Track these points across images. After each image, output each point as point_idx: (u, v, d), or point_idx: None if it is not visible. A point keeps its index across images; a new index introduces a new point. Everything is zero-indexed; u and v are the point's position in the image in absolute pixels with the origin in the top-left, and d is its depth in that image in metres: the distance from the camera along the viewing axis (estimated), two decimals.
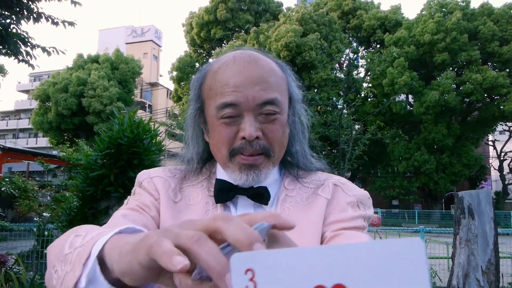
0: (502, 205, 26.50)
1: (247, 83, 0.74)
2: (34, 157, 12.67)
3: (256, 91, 0.74)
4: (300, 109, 0.86)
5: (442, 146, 23.62)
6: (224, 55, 0.81)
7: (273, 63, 0.80)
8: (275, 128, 0.76)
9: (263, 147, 0.76)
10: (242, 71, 0.75)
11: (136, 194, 0.86)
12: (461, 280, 3.08)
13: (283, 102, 0.78)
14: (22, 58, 5.80)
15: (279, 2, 31.57)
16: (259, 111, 0.75)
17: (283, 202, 0.81)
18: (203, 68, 0.85)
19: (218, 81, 0.76)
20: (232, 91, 0.74)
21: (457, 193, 3.34)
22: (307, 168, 0.86)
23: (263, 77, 0.75)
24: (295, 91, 0.85)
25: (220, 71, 0.77)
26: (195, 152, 0.86)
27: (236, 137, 0.75)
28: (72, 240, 0.55)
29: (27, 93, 48.01)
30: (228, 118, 0.75)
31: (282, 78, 0.81)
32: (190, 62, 30.35)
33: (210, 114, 0.78)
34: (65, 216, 2.82)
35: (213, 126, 0.78)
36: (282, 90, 0.79)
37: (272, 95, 0.75)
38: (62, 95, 27.29)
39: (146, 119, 2.97)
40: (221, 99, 0.74)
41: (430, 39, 22.53)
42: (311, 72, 23.46)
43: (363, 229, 0.78)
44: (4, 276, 3.47)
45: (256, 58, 0.77)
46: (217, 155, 0.80)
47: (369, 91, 24.64)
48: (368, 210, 0.82)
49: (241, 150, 0.75)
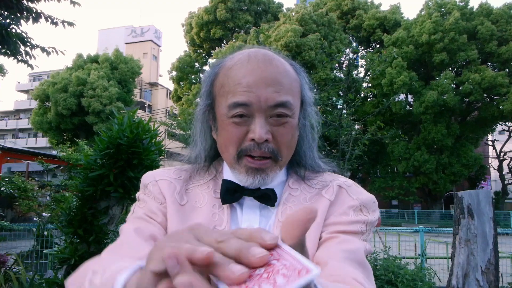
0: (502, 205, 26.54)
1: (260, 83, 0.73)
2: (33, 157, 12.66)
3: (269, 92, 0.73)
4: (311, 112, 0.85)
5: (441, 146, 23.64)
6: (238, 52, 0.80)
7: (287, 64, 0.79)
8: (285, 132, 0.75)
9: (271, 150, 0.74)
10: (255, 70, 0.73)
11: (141, 200, 0.85)
12: (461, 280, 3.08)
13: (295, 105, 0.77)
14: (21, 58, 5.80)
15: (280, 3, 31.59)
16: (270, 113, 0.73)
17: (286, 201, 0.80)
18: (216, 63, 0.83)
19: (231, 79, 0.75)
20: (245, 91, 0.73)
21: (457, 193, 3.35)
22: (314, 170, 0.85)
23: (277, 78, 0.74)
24: (308, 94, 0.83)
25: (233, 69, 0.76)
26: (202, 148, 0.85)
27: (245, 138, 0.74)
28: (91, 278, 0.55)
29: (26, 93, 47.99)
30: (239, 117, 0.74)
31: (296, 80, 0.79)
32: (189, 62, 30.37)
33: (221, 112, 0.77)
34: (64, 216, 2.82)
35: (222, 124, 0.77)
36: (295, 93, 0.78)
37: (285, 98, 0.74)
38: (61, 95, 27.28)
39: (146, 119, 2.97)
40: (232, 98, 0.73)
41: (428, 39, 22.55)
42: (311, 72, 23.46)
43: (361, 234, 0.77)
44: (4, 276, 3.47)
45: (270, 58, 0.76)
46: (224, 154, 0.79)
47: (369, 91, 24.67)
48: (372, 214, 0.80)
49: (249, 152, 0.74)
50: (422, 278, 4.40)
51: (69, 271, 2.72)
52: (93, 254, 2.61)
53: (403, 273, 4.28)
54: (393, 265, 4.42)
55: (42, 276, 3.14)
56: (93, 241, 2.72)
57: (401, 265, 4.51)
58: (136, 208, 0.84)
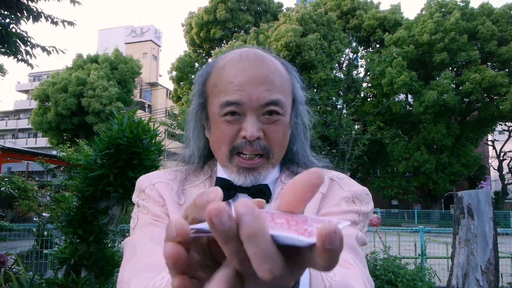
0: (502, 205, 26.54)
1: (252, 82, 0.74)
2: (33, 157, 12.67)
3: (261, 91, 0.74)
4: (303, 111, 0.86)
5: (441, 146, 23.64)
6: (230, 52, 0.81)
7: (278, 63, 0.80)
8: (276, 130, 0.76)
9: (263, 147, 0.76)
10: (247, 70, 0.74)
11: (142, 207, 0.83)
12: (461, 280, 3.08)
13: (287, 103, 0.78)
14: (22, 58, 5.79)
15: (279, 3, 31.58)
16: (261, 111, 0.75)
17: (278, 196, 0.80)
18: (208, 63, 0.85)
19: (223, 79, 0.76)
20: (236, 90, 0.74)
21: (457, 193, 3.35)
22: (307, 167, 0.86)
23: (268, 77, 0.75)
24: (299, 92, 0.84)
25: (225, 69, 0.77)
26: (196, 147, 0.85)
27: (237, 136, 0.76)
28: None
29: (26, 93, 47.98)
30: (231, 116, 0.75)
31: (287, 79, 0.80)
32: (189, 62, 30.36)
33: (213, 111, 0.78)
34: (64, 216, 2.81)
35: (215, 123, 0.78)
36: (286, 92, 0.79)
37: (276, 96, 0.75)
38: (61, 95, 27.27)
39: (146, 119, 2.97)
40: (224, 97, 0.74)
41: (429, 39, 22.56)
42: (311, 72, 23.46)
43: (355, 224, 0.76)
44: (4, 276, 3.47)
45: (262, 58, 0.77)
46: (217, 152, 0.80)
47: (369, 91, 24.67)
48: (365, 205, 0.80)
49: (240, 149, 0.75)
50: (422, 278, 4.40)
51: (69, 271, 2.72)
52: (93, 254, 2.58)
53: (403, 273, 4.28)
54: (393, 265, 4.42)
55: (42, 276, 3.14)
56: (93, 241, 2.72)
57: (401, 265, 4.52)
58: (139, 215, 0.83)
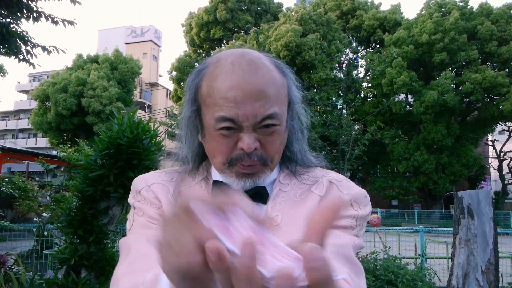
0: (502, 205, 26.53)
1: (247, 98, 0.71)
2: (33, 157, 12.67)
3: (256, 108, 0.72)
4: (299, 109, 0.85)
5: (441, 146, 23.64)
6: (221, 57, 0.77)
7: (273, 68, 0.77)
8: (273, 140, 0.75)
9: (260, 157, 0.75)
10: (241, 83, 0.72)
11: (137, 209, 0.83)
12: (461, 280, 3.08)
13: (283, 113, 0.77)
14: (23, 57, 5.79)
15: (279, 3, 31.58)
16: (258, 126, 0.73)
17: (276, 197, 0.80)
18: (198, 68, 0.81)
19: (216, 91, 0.73)
20: (231, 106, 0.72)
21: (457, 193, 3.35)
22: (305, 165, 0.85)
23: (263, 91, 0.72)
24: (295, 94, 0.83)
25: (218, 80, 0.74)
26: (190, 150, 0.84)
27: (234, 147, 0.75)
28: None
29: (26, 93, 47.99)
30: (226, 130, 0.73)
31: (282, 85, 0.78)
32: (189, 62, 30.35)
33: (208, 122, 0.76)
34: (64, 216, 2.81)
35: (210, 134, 0.76)
36: (282, 99, 0.77)
37: (272, 110, 0.73)
38: (61, 95, 27.28)
39: (146, 119, 2.97)
40: (219, 112, 0.72)
41: (428, 39, 22.56)
42: (311, 72, 23.47)
43: (351, 229, 0.76)
44: (4, 277, 3.47)
45: (256, 67, 0.74)
46: (213, 159, 0.79)
47: (369, 91, 24.66)
48: (363, 209, 0.80)
49: (240, 161, 0.75)
50: (422, 278, 4.40)
51: (69, 271, 2.72)
52: (93, 254, 2.58)
53: (403, 273, 4.28)
54: (393, 265, 4.42)
55: (42, 277, 3.14)
56: (93, 241, 2.72)
57: (401, 265, 4.52)
58: (135, 217, 0.83)
